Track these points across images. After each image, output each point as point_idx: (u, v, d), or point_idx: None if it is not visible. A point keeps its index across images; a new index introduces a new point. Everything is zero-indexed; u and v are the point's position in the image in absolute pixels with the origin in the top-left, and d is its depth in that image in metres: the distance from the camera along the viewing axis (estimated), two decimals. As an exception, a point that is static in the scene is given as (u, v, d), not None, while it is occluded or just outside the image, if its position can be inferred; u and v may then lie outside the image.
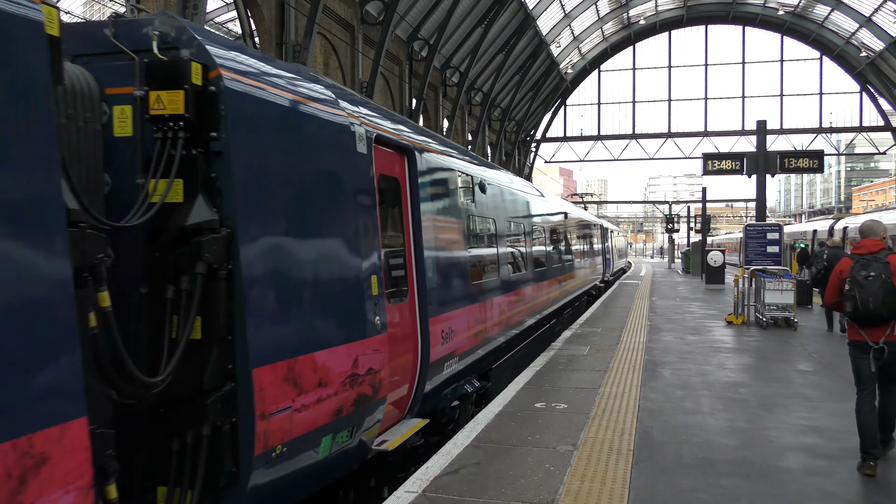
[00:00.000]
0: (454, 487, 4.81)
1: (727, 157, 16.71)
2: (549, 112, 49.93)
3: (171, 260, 3.45)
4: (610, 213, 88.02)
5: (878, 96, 44.65)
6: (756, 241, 14.81)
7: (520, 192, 11.28)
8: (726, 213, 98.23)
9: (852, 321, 5.38)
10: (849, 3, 38.97)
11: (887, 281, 5.09)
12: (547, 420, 6.62)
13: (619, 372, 9.03)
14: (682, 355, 10.49)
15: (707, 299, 20.81)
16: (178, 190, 3.48)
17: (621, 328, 13.59)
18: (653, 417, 6.73)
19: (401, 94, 28.36)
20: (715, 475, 5.11)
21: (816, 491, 4.80)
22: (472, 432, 6.18)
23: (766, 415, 6.91)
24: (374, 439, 5.13)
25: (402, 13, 25.33)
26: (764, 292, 14.12)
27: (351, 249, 4.69)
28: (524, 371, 9.23)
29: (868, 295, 5.11)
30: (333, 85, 5.16)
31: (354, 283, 4.70)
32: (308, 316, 4.20)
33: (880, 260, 5.21)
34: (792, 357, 10.43)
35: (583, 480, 4.94)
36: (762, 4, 44.83)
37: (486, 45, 33.02)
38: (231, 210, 3.56)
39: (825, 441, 6.02)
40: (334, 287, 4.49)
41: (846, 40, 43.00)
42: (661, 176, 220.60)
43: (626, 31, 47.88)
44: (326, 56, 22.25)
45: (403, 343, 5.67)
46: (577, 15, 40.44)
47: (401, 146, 5.92)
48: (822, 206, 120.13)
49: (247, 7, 18.54)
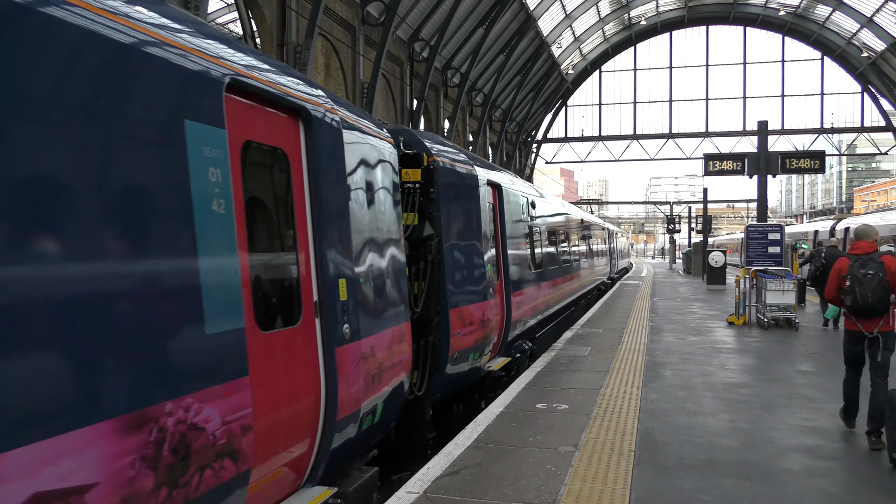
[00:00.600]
0: (455, 488, 4.81)
1: (728, 157, 16.70)
2: (550, 113, 49.96)
3: (415, 254, 6.73)
4: (611, 214, 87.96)
5: (879, 97, 44.63)
6: (757, 241, 14.81)
7: (558, 207, 15.84)
8: (727, 213, 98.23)
9: (850, 313, 6.00)
10: (850, 4, 38.96)
11: (883, 278, 5.80)
12: (548, 421, 6.62)
13: (621, 373, 9.03)
14: (684, 356, 10.49)
15: (708, 300, 20.79)
16: (415, 218, 6.84)
17: (622, 329, 13.58)
18: (654, 418, 6.73)
19: (402, 95, 28.38)
20: (716, 476, 5.10)
21: (818, 492, 4.79)
22: (474, 433, 6.18)
23: (767, 415, 6.91)
24: (484, 365, 8.34)
25: (402, 14, 25.35)
26: (765, 293, 14.11)
27: (476, 253, 7.92)
28: (525, 371, 9.24)
29: (867, 290, 5.78)
30: (470, 154, 8.66)
31: (482, 272, 8.04)
32: (467, 287, 7.52)
33: (875, 260, 5.89)
34: (793, 358, 10.42)
35: (584, 481, 4.94)
36: (763, 5, 44.84)
37: (487, 46, 33.04)
38: (439, 229, 6.92)
39: (827, 442, 6.01)
40: (477, 273, 7.88)
41: (847, 41, 42.99)
42: (663, 176, 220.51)
43: (627, 31, 47.90)
44: (327, 57, 22.27)
45: (500, 307, 8.87)
46: (578, 16, 40.47)
47: (495, 184, 9.24)
48: (824, 207, 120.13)
49: (248, 8, 18.57)
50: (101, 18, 2.62)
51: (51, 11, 2.40)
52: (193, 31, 3.25)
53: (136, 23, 2.81)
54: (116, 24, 2.69)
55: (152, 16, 2.96)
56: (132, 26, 2.78)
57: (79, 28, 2.51)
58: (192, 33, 3.21)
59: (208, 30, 3.49)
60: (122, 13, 2.75)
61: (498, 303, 8.70)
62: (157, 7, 3.05)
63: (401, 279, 5.56)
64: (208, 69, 3.21)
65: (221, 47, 3.43)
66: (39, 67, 2.34)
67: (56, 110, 2.38)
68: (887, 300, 5.81)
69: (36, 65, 2.32)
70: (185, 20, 3.24)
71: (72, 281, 2.40)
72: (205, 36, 3.34)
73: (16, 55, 2.26)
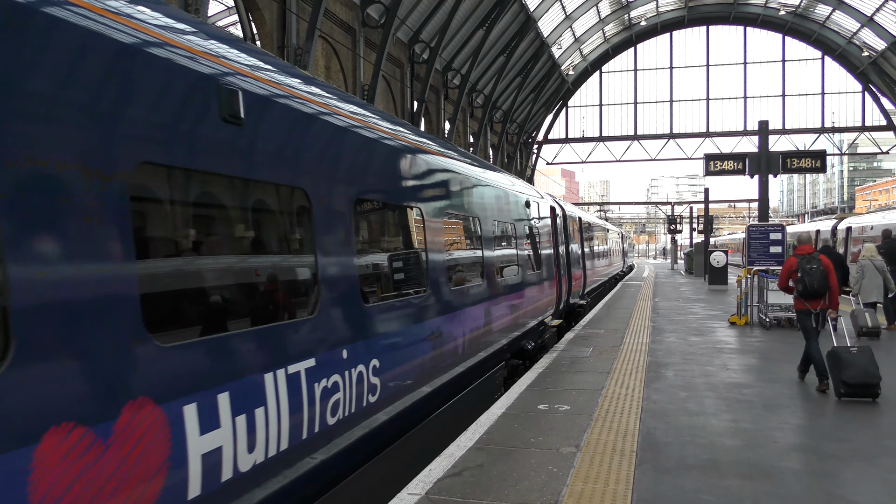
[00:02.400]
0: (457, 489, 4.80)
1: (729, 157, 16.69)
2: (550, 114, 49.97)
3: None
4: (613, 215, 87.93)
5: (880, 96, 44.62)
6: (759, 241, 14.80)
7: (619, 230, 34.75)
8: (729, 213, 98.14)
9: (801, 297, 8.23)
10: (850, 3, 38.95)
11: (823, 270, 8.07)
12: (550, 422, 6.61)
13: (623, 373, 9.02)
14: (686, 356, 10.48)
15: (710, 300, 20.77)
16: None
17: (624, 329, 13.57)
18: (656, 418, 6.72)
19: (402, 96, 28.40)
20: (719, 476, 5.09)
21: (820, 492, 4.78)
22: (475, 434, 6.17)
23: (769, 415, 6.89)
24: (548, 322, 12.49)
25: (403, 16, 25.37)
26: (767, 293, 14.09)
27: (579, 249, 17.27)
28: (527, 372, 9.23)
29: (813, 280, 8.05)
30: (560, 200, 15.51)
31: (551, 264, 12.58)
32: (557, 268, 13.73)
33: (815, 258, 8.19)
34: (795, 357, 10.35)
35: (586, 482, 4.93)
36: (763, 5, 44.84)
37: (487, 48, 33.07)
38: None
39: (829, 441, 6.00)
40: (551, 265, 12.93)
41: (848, 40, 42.98)
42: (664, 177, 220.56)
43: (628, 32, 47.91)
44: (328, 59, 22.29)
45: (557, 285, 13.20)
46: (579, 16, 40.48)
47: (559, 207, 14.95)
48: (825, 207, 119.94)
49: (248, 11, 18.59)
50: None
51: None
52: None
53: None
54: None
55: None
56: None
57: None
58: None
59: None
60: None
61: (556, 282, 13.35)
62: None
63: (578, 257, 16.78)
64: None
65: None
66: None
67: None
68: (826, 286, 8.04)
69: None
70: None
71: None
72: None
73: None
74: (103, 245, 2.59)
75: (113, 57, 2.68)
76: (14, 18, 2.28)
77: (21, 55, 2.31)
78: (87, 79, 2.56)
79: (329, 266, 4.19)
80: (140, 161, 2.79)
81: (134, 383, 2.66)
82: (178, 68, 3.05)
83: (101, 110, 2.61)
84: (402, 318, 5.43)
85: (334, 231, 4.31)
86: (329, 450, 4.09)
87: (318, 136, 4.27)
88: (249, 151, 3.49)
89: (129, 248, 2.69)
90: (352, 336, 4.48)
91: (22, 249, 2.28)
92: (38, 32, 2.36)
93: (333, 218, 4.31)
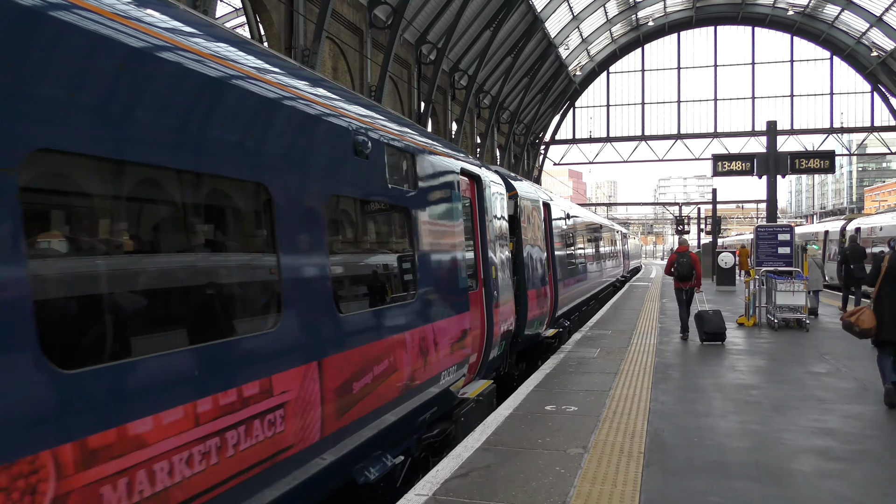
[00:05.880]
0: (465, 490, 4.81)
1: (737, 158, 16.67)
2: (557, 114, 49.87)
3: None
4: (620, 216, 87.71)
5: (889, 96, 44.32)
6: (767, 242, 14.75)
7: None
8: (737, 214, 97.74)
9: (677, 279, 12.61)
10: (859, 3, 38.73)
11: (690, 263, 12.43)
12: (557, 423, 6.61)
13: (630, 374, 9.01)
14: (693, 357, 10.45)
15: (718, 301, 20.69)
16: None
17: (631, 330, 13.55)
18: (664, 420, 6.71)
19: (409, 97, 28.42)
20: (726, 478, 5.08)
21: (829, 494, 4.76)
22: (483, 435, 6.17)
23: (778, 417, 6.87)
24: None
25: (410, 17, 25.39)
26: (775, 294, 14.04)
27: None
28: (534, 373, 9.23)
29: (683, 269, 12.44)
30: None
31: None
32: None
33: (686, 254, 12.57)
34: (804, 359, 10.36)
35: (593, 483, 4.93)
36: (772, 5, 44.63)
37: (494, 48, 33.05)
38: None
39: (838, 443, 5.98)
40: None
41: (857, 40, 42.73)
42: (671, 177, 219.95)
43: (635, 32, 47.77)
44: (335, 60, 22.33)
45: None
46: (586, 17, 40.39)
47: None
48: (834, 207, 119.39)
49: (256, 12, 18.65)
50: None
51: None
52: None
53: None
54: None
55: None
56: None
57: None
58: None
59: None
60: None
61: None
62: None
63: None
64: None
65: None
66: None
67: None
68: (692, 272, 12.42)
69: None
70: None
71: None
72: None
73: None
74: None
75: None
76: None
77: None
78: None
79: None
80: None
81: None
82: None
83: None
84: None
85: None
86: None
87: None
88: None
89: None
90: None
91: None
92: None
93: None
